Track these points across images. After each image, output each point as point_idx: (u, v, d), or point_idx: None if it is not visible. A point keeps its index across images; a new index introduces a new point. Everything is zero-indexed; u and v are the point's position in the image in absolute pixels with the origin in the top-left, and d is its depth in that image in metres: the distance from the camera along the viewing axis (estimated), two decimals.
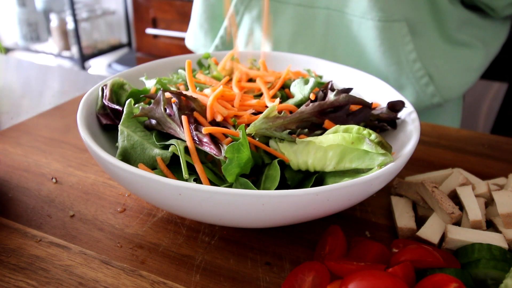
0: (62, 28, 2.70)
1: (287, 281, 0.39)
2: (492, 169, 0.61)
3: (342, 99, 0.47)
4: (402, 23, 0.75)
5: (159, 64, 0.64)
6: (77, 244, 0.44)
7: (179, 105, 0.45)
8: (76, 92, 0.87)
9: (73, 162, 0.59)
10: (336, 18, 0.79)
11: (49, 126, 0.69)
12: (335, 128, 0.45)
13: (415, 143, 0.45)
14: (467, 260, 0.41)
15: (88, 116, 0.49)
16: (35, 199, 0.51)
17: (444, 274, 0.36)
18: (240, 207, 0.36)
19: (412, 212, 0.49)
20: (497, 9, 0.79)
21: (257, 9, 0.84)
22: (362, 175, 0.41)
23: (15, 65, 1.04)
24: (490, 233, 0.43)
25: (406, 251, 0.40)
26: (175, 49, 2.33)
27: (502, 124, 1.67)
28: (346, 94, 0.47)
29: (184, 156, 0.42)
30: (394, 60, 0.78)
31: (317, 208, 0.38)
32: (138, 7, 2.30)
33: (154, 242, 0.45)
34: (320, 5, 0.79)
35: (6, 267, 0.41)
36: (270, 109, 0.44)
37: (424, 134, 0.71)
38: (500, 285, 0.37)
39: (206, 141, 0.42)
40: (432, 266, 0.39)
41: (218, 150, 0.41)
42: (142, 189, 0.39)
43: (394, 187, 0.53)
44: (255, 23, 0.85)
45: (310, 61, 0.68)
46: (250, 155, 0.41)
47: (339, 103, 0.47)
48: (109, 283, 0.40)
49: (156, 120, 0.46)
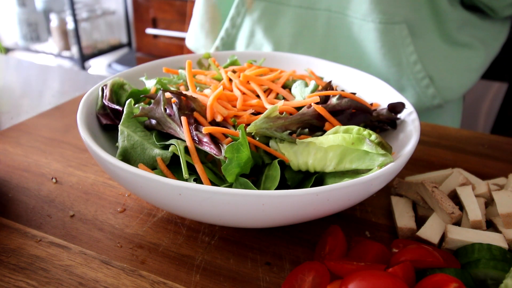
0: (62, 28, 2.70)
1: (287, 281, 0.39)
2: (492, 169, 0.61)
3: (344, 104, 0.47)
4: (402, 25, 0.75)
5: (159, 64, 0.64)
6: (77, 244, 0.44)
7: (179, 105, 0.45)
8: (76, 92, 0.87)
9: (73, 162, 0.59)
10: (337, 20, 0.79)
11: (49, 126, 0.69)
12: (335, 129, 0.45)
13: (415, 143, 0.45)
14: (467, 260, 0.41)
15: (88, 116, 0.49)
16: (35, 199, 0.51)
17: (444, 274, 0.36)
18: (240, 207, 0.36)
19: (412, 212, 0.49)
20: (496, 10, 0.79)
21: (258, 11, 0.84)
22: (362, 175, 0.41)
23: (15, 65, 1.04)
24: (490, 233, 0.43)
25: (406, 251, 0.40)
26: (175, 49, 2.33)
27: (502, 124, 1.67)
28: (348, 99, 0.47)
29: (184, 156, 0.42)
30: (395, 62, 0.79)
31: (317, 208, 0.38)
32: (138, 7, 2.30)
33: (154, 242, 0.45)
34: (321, 7, 0.79)
35: (6, 267, 0.41)
36: (271, 109, 0.44)
37: (424, 134, 0.71)
38: (500, 285, 0.37)
39: (206, 141, 0.42)
40: (432, 266, 0.39)
41: (218, 150, 0.41)
42: (142, 189, 0.39)
43: (394, 187, 0.53)
44: (256, 24, 0.85)
45: (311, 61, 0.68)
46: (250, 155, 0.41)
47: (341, 107, 0.47)
48: (109, 283, 0.40)
49: (156, 120, 0.46)
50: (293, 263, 0.43)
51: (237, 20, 0.87)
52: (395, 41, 0.76)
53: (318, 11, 0.80)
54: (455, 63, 0.81)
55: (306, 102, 0.48)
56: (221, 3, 0.89)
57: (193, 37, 0.99)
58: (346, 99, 0.47)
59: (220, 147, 0.42)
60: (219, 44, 0.92)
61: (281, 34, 0.84)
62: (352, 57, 0.82)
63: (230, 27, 0.88)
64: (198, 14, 0.95)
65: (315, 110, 0.46)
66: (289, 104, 0.48)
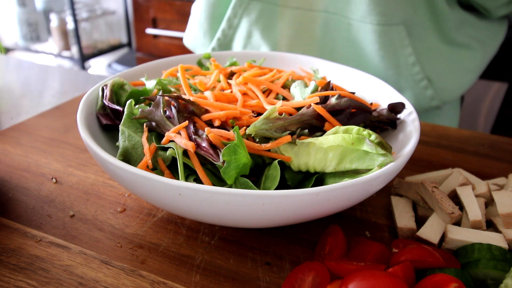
0: (62, 28, 2.70)
1: (287, 281, 0.39)
2: (492, 169, 0.61)
3: (343, 103, 0.47)
4: (400, 27, 0.75)
5: (159, 64, 0.64)
6: (77, 244, 0.44)
7: (178, 108, 0.45)
8: (76, 92, 0.87)
9: (73, 162, 0.59)
10: (335, 21, 0.79)
11: (49, 126, 0.69)
12: (335, 129, 0.45)
13: (415, 143, 0.45)
14: (467, 260, 0.41)
15: (88, 116, 0.49)
16: (35, 199, 0.51)
17: (444, 274, 0.37)
18: (240, 207, 0.36)
19: (412, 212, 0.49)
20: (490, 10, 0.79)
21: (256, 12, 0.84)
22: (362, 175, 0.41)
23: (15, 65, 1.04)
24: (490, 233, 0.43)
25: (406, 251, 0.40)
26: (175, 49, 2.33)
27: (502, 124, 1.67)
28: (347, 98, 0.47)
29: (182, 159, 0.42)
30: (393, 63, 0.79)
31: (317, 208, 0.38)
32: (138, 7, 2.30)
33: (154, 242, 0.45)
34: (319, 9, 0.79)
35: (6, 267, 0.41)
36: (270, 110, 0.44)
37: (424, 134, 0.71)
38: (500, 285, 0.37)
39: (204, 146, 0.42)
40: (432, 266, 0.39)
41: (216, 156, 0.41)
42: (142, 189, 0.39)
43: (394, 187, 0.53)
44: (253, 26, 0.85)
45: (309, 61, 0.68)
46: (248, 156, 0.41)
47: (340, 107, 0.47)
48: (109, 283, 0.40)
49: (156, 123, 0.46)
50: (293, 263, 0.43)
51: (234, 21, 0.87)
52: (393, 43, 0.76)
53: (315, 12, 0.80)
54: (453, 64, 0.81)
55: (305, 102, 0.47)
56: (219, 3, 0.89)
57: (191, 36, 0.99)
58: (345, 98, 0.47)
59: (218, 153, 0.42)
60: (215, 45, 0.91)
61: (279, 35, 0.84)
62: (350, 59, 0.82)
63: (226, 27, 0.88)
64: (196, 12, 0.94)
65: (314, 110, 0.46)
66: (288, 105, 0.48)
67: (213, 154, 0.41)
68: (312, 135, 0.46)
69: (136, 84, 0.59)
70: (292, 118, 0.45)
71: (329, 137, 0.43)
